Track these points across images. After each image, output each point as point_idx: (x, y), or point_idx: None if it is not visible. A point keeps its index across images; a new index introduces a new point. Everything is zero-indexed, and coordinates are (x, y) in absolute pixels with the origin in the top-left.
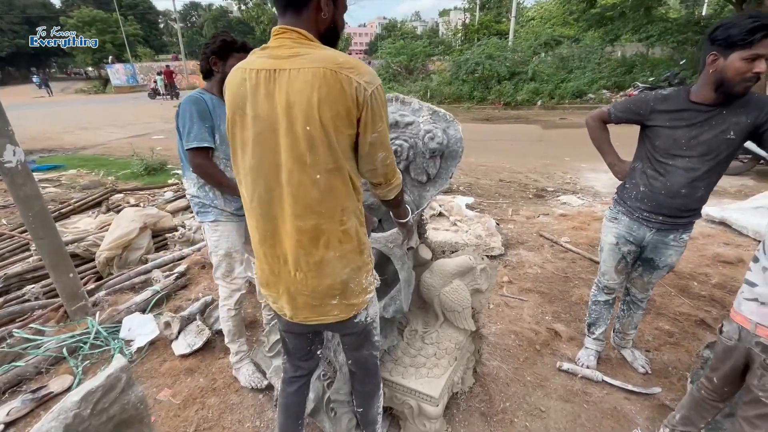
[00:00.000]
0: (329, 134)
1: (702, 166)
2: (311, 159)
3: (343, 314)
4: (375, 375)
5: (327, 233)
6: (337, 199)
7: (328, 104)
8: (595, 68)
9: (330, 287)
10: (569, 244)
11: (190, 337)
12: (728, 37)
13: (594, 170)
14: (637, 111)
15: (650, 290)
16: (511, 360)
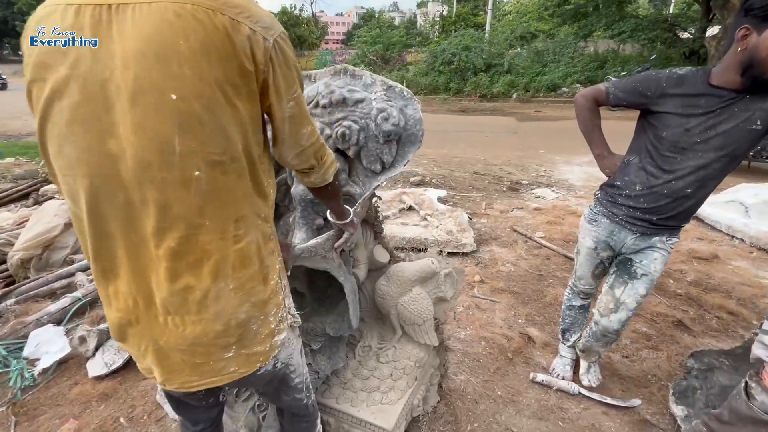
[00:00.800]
0: (214, 107)
1: (716, 163)
2: (183, 146)
3: (243, 368)
4: (307, 416)
5: (213, 255)
6: (227, 205)
7: (206, 62)
8: (569, 62)
9: (222, 334)
10: (544, 239)
11: (109, 354)
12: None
13: (568, 163)
14: (645, 92)
15: (615, 318)
16: (480, 371)
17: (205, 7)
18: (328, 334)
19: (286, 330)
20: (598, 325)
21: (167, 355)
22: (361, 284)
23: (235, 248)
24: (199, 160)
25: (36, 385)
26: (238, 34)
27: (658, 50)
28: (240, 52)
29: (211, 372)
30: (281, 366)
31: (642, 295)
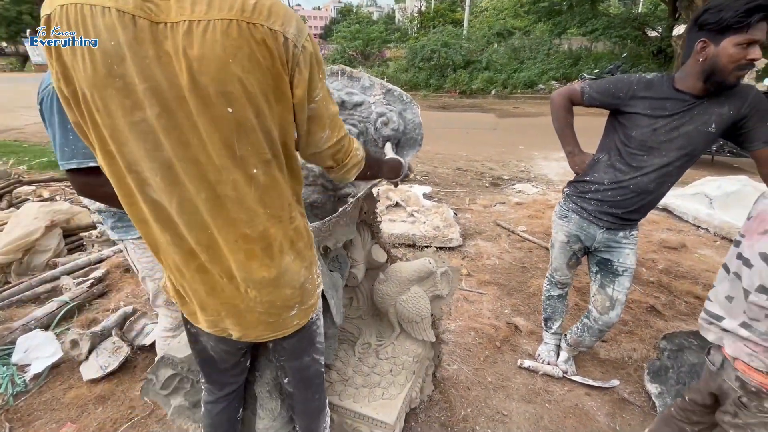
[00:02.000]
0: (262, 114)
1: (677, 161)
2: (242, 150)
3: (303, 320)
4: (319, 388)
5: (279, 237)
6: (282, 195)
7: (253, 74)
8: (545, 59)
9: (290, 297)
10: (526, 233)
11: (103, 356)
12: (720, 20)
13: (546, 158)
14: (617, 94)
15: (614, 313)
16: (471, 360)
17: (246, 21)
18: None
19: (321, 285)
20: (598, 322)
21: (245, 317)
22: (359, 283)
23: (292, 227)
24: (255, 159)
25: (28, 391)
26: (275, 42)
27: (628, 48)
28: (277, 61)
29: (280, 327)
30: (315, 318)
31: (628, 288)
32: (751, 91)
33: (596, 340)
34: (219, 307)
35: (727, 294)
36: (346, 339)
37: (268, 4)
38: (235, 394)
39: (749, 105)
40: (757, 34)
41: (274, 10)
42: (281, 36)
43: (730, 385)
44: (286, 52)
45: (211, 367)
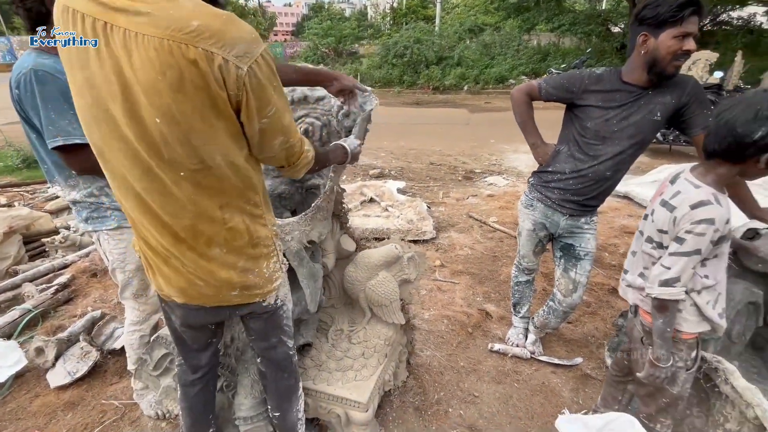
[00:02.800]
0: (189, 132)
1: (629, 149)
2: (168, 155)
3: (246, 300)
4: (289, 369)
5: (207, 233)
6: (212, 198)
7: (181, 95)
8: (515, 55)
9: (227, 280)
10: (497, 223)
11: (71, 363)
12: (657, 15)
13: (516, 151)
14: (570, 89)
15: (577, 295)
16: (444, 347)
17: (179, 42)
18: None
19: (281, 278)
20: (562, 304)
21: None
22: (330, 273)
23: (225, 227)
24: (183, 167)
25: None
26: (211, 64)
27: (593, 44)
28: (212, 82)
29: (222, 300)
30: (279, 303)
31: (589, 271)
32: (690, 81)
33: (561, 322)
34: (169, 273)
35: (632, 250)
36: (320, 327)
37: (215, 26)
38: (208, 377)
39: (688, 94)
40: (690, 27)
41: (219, 32)
42: (219, 57)
43: (639, 330)
44: (224, 74)
45: (183, 347)
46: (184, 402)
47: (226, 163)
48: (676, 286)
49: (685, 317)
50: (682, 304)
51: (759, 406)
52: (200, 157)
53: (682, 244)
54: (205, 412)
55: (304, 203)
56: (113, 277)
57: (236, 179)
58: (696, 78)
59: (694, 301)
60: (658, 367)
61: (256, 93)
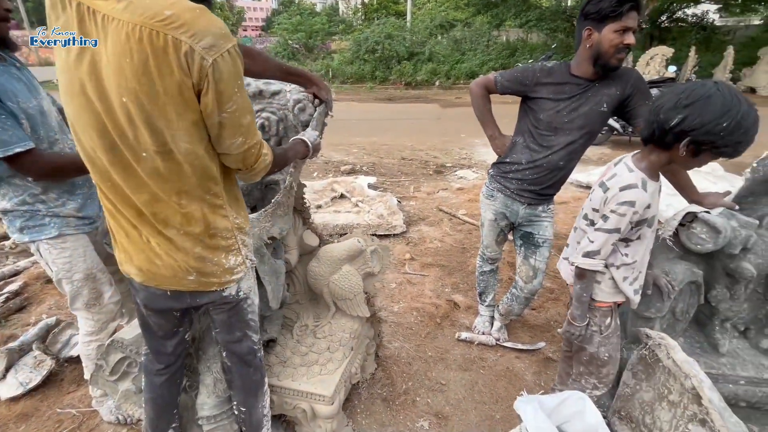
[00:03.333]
0: (152, 116)
1: (580, 139)
2: (132, 135)
3: (201, 288)
4: (254, 364)
5: (164, 213)
6: (169, 182)
7: (146, 77)
8: (485, 51)
9: (184, 262)
10: (466, 216)
11: (23, 373)
12: (599, 10)
13: (486, 145)
14: (523, 81)
15: (537, 281)
16: (413, 338)
17: (151, 28)
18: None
19: (243, 270)
20: (524, 291)
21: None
22: (294, 269)
23: (181, 212)
24: (144, 147)
25: None
26: (177, 51)
27: (558, 39)
28: (177, 69)
29: (180, 284)
30: (243, 295)
31: (547, 257)
32: (633, 74)
33: (524, 308)
34: (129, 248)
35: (574, 226)
36: (285, 324)
37: (187, 16)
38: (174, 369)
39: (632, 85)
40: (630, 21)
41: (189, 22)
42: (186, 45)
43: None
44: (189, 62)
45: (149, 333)
46: (148, 393)
47: (186, 150)
48: (596, 258)
49: (602, 288)
50: (600, 276)
51: (695, 377)
52: (162, 141)
53: (606, 222)
54: (170, 405)
55: (264, 200)
56: (59, 288)
57: (195, 167)
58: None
59: (612, 275)
60: (573, 324)
61: (219, 86)
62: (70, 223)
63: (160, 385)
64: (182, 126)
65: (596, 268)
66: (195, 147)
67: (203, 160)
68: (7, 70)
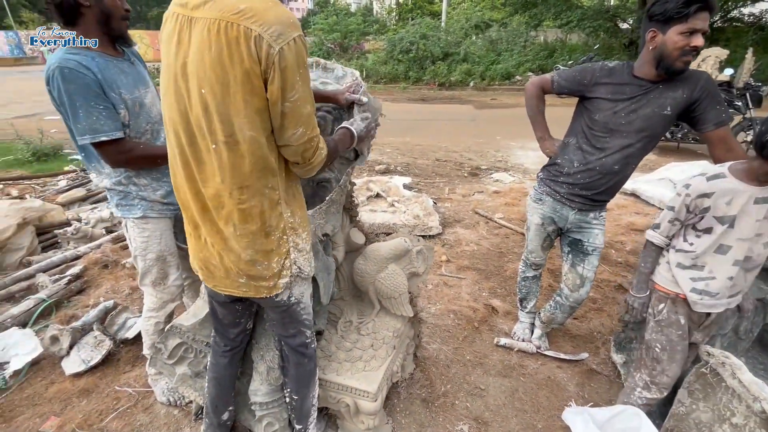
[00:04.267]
0: (224, 103)
1: (638, 143)
2: (207, 125)
3: (252, 293)
4: (308, 355)
5: (227, 208)
6: (234, 176)
7: (220, 66)
8: (521, 51)
9: (234, 263)
10: (503, 220)
11: (85, 351)
12: (665, 11)
13: (523, 148)
14: (582, 81)
15: (584, 290)
16: (451, 340)
17: (227, 21)
18: None
19: (289, 276)
20: (569, 299)
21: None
22: (340, 265)
23: (239, 207)
24: (215, 138)
25: (8, 388)
26: (248, 39)
27: (600, 39)
28: (247, 57)
29: (233, 286)
30: (294, 300)
31: (596, 266)
32: (703, 77)
33: (567, 317)
34: (193, 247)
35: None
36: (329, 319)
37: (259, 7)
38: (236, 353)
39: (701, 89)
40: (698, 23)
41: (260, 12)
42: (255, 33)
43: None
44: (258, 50)
45: (215, 319)
46: (212, 372)
47: (250, 138)
48: (656, 231)
49: (660, 271)
50: (661, 258)
51: (766, 400)
52: (231, 129)
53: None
54: (231, 386)
55: (315, 197)
56: (134, 263)
57: (257, 158)
58: None
59: (669, 258)
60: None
61: (284, 74)
62: (155, 207)
63: (224, 366)
64: (248, 113)
65: (653, 239)
66: (258, 135)
67: (264, 149)
68: (117, 64)
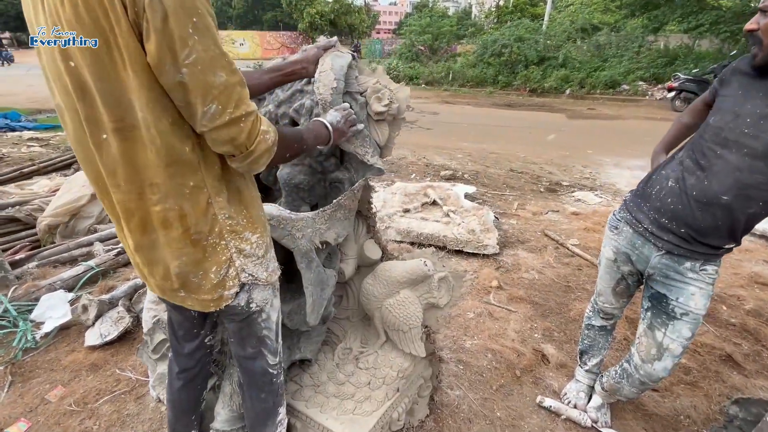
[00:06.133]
0: (102, 77)
1: (764, 167)
2: (84, 112)
3: (198, 307)
4: (267, 389)
5: (137, 213)
6: (137, 172)
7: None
8: (633, 58)
9: (165, 277)
10: (577, 247)
11: (106, 325)
12: None
13: (618, 165)
14: (722, 76)
15: (661, 366)
16: (481, 388)
17: None
18: (285, 325)
19: (237, 286)
20: (639, 371)
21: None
22: (348, 280)
23: (154, 210)
24: (103, 125)
25: (37, 348)
26: None
27: (741, 45)
28: (108, 6)
29: (174, 298)
30: (255, 308)
31: (688, 338)
32: None
33: (638, 393)
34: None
35: None
36: (329, 340)
37: None
38: (192, 375)
39: None
40: None
41: None
42: None
43: None
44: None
45: (171, 330)
46: (167, 393)
47: (146, 122)
48: None
49: None
50: None
51: None
52: (118, 110)
53: None
54: (188, 411)
55: (327, 198)
56: None
57: (162, 149)
58: None
59: None
60: None
61: (165, 26)
62: None
63: (178, 389)
64: (136, 91)
65: None
66: (156, 119)
67: (169, 137)
68: None
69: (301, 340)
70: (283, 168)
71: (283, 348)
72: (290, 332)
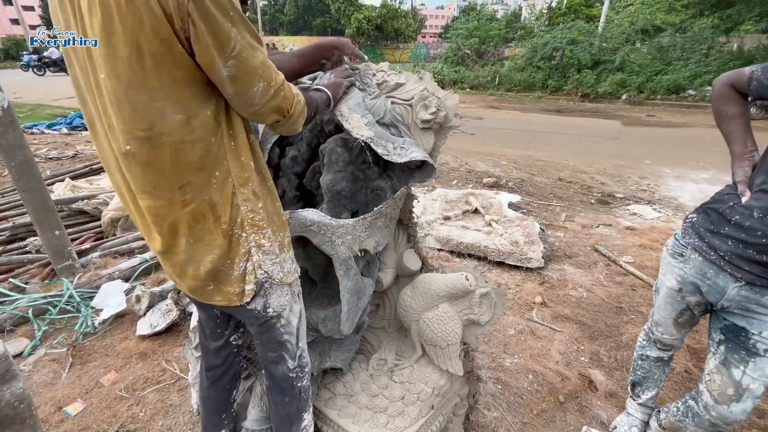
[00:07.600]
0: (133, 85)
1: None
2: (111, 120)
3: (224, 301)
4: (291, 394)
5: (168, 218)
6: (167, 176)
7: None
8: (701, 60)
9: (194, 275)
10: (631, 265)
11: (155, 316)
12: None
13: (680, 178)
14: None
15: (738, 408)
16: (520, 411)
17: None
18: (319, 330)
19: (254, 282)
20: (710, 412)
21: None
22: (385, 289)
23: (185, 211)
24: (128, 135)
25: (95, 333)
26: None
27: None
28: (147, 15)
29: (203, 295)
30: (272, 313)
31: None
32: None
33: None
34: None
35: None
36: (364, 349)
37: None
38: (220, 373)
39: None
40: None
41: None
42: None
43: None
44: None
45: (201, 330)
46: (200, 391)
47: (180, 124)
48: None
49: None
50: None
51: None
52: (147, 119)
53: None
54: (217, 409)
55: (368, 205)
56: None
57: (199, 149)
58: None
59: None
60: None
61: (207, 25)
62: None
63: (207, 388)
64: (171, 92)
65: None
66: (192, 118)
67: (201, 132)
68: None
69: (333, 348)
70: (326, 174)
71: (314, 354)
72: (323, 339)
